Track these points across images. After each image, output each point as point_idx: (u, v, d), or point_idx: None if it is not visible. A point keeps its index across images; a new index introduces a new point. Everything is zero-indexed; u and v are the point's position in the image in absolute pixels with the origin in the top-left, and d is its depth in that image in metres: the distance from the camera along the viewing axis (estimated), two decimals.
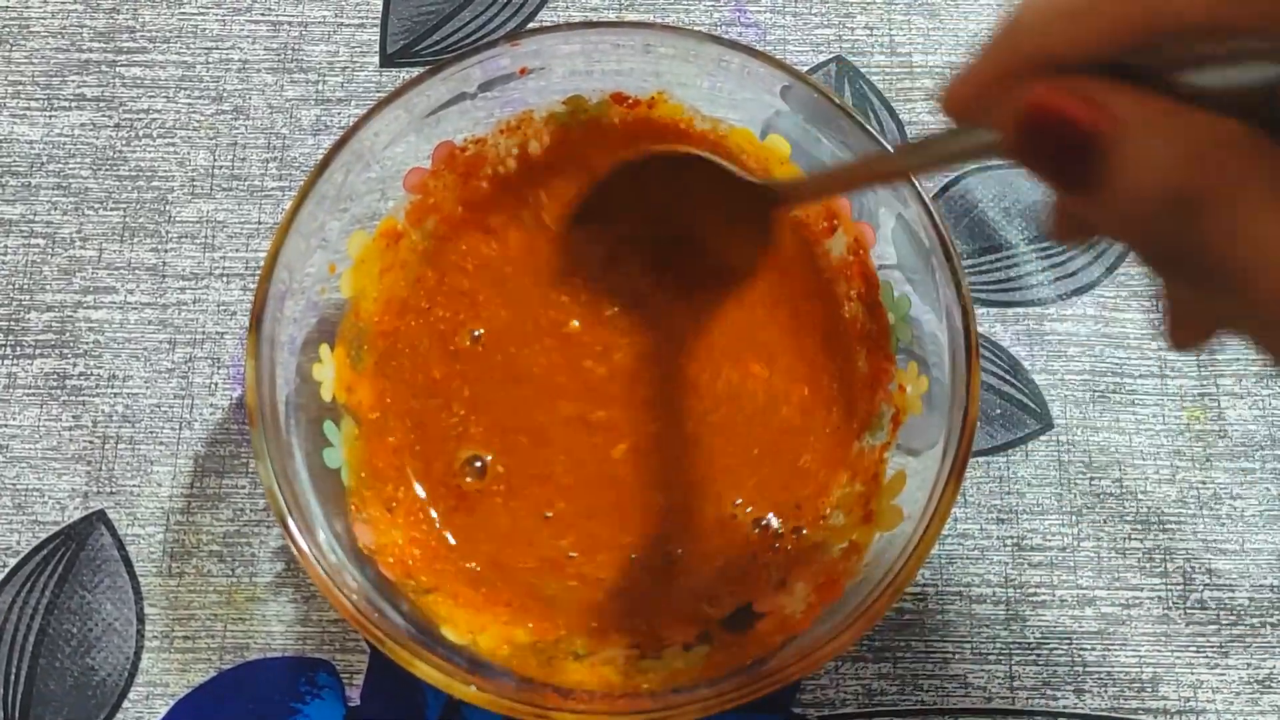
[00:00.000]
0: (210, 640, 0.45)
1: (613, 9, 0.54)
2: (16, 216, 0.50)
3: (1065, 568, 0.46)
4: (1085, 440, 0.48)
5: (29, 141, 0.51)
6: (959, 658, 0.45)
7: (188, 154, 0.51)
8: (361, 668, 0.45)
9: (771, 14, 0.54)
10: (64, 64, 0.52)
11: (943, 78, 0.30)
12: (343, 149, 0.41)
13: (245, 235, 0.50)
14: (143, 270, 0.49)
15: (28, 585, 0.45)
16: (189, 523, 0.46)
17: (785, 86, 0.43)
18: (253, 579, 0.46)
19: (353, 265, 0.44)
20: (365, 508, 0.42)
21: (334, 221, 0.42)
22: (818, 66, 0.53)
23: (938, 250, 0.40)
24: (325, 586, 0.37)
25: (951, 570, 0.46)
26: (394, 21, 0.53)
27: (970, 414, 0.38)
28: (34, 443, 0.47)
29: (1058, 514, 0.47)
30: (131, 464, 0.47)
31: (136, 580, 0.45)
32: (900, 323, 0.43)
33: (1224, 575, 0.46)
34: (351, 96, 0.52)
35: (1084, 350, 0.49)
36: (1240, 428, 0.48)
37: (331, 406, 0.43)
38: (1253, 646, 0.46)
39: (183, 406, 0.48)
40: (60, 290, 0.49)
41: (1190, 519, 0.47)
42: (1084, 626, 0.46)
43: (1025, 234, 0.50)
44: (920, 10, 0.54)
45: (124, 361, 0.48)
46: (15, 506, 0.46)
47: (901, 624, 0.46)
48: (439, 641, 0.39)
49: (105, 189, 0.50)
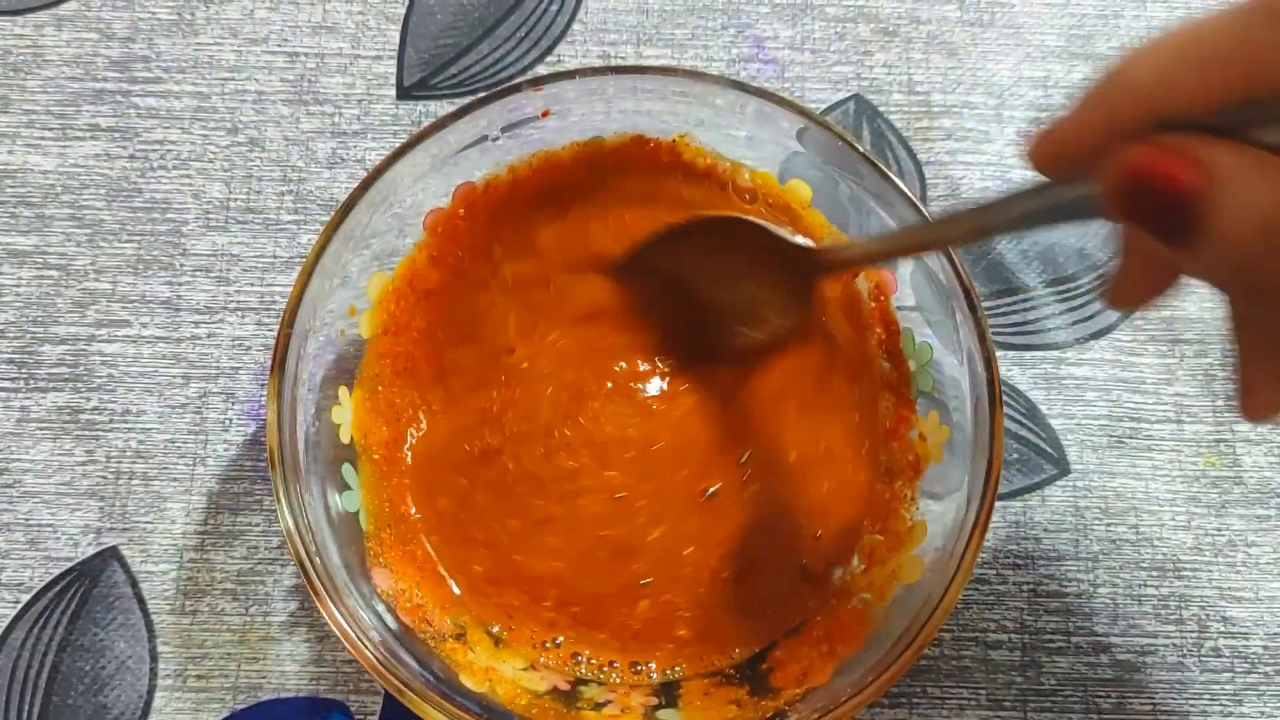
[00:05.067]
0: (224, 679, 0.45)
1: (630, 43, 0.54)
2: (30, 248, 0.49)
3: (1081, 614, 0.46)
4: (1102, 486, 0.48)
5: (43, 172, 0.51)
6: (974, 704, 0.45)
7: (203, 186, 0.51)
8: (376, 708, 0.44)
9: (790, 50, 0.54)
10: (78, 93, 0.52)
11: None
12: (368, 190, 0.41)
13: (260, 269, 0.50)
14: (156, 304, 0.49)
15: (40, 622, 0.45)
16: (203, 560, 0.46)
17: (801, 129, 0.43)
18: (267, 618, 0.45)
19: (371, 306, 0.43)
20: (384, 552, 0.42)
21: (355, 259, 0.42)
22: (836, 105, 0.53)
23: (959, 297, 0.40)
24: (343, 633, 0.37)
25: (967, 615, 0.46)
26: (411, 54, 0.53)
27: (994, 466, 0.38)
28: (47, 477, 0.47)
29: (1074, 560, 0.47)
30: (145, 500, 0.47)
31: (150, 618, 0.45)
32: (921, 370, 0.43)
33: (1239, 623, 0.46)
34: (368, 129, 0.52)
35: (1101, 395, 0.49)
36: (1256, 474, 0.48)
37: (349, 448, 0.43)
38: (1266, 695, 0.46)
39: (196, 442, 0.47)
40: (74, 323, 0.49)
41: (1206, 566, 0.47)
42: (1099, 674, 0.46)
43: (1043, 277, 0.50)
44: (939, 49, 0.54)
45: (137, 396, 0.48)
46: (28, 542, 0.46)
47: (917, 670, 0.46)
48: (457, 690, 0.39)
49: (119, 220, 0.50)
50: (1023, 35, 0.54)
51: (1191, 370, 0.49)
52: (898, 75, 0.53)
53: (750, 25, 0.54)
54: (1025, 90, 0.53)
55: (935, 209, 0.51)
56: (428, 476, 0.45)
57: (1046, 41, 0.54)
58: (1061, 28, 0.54)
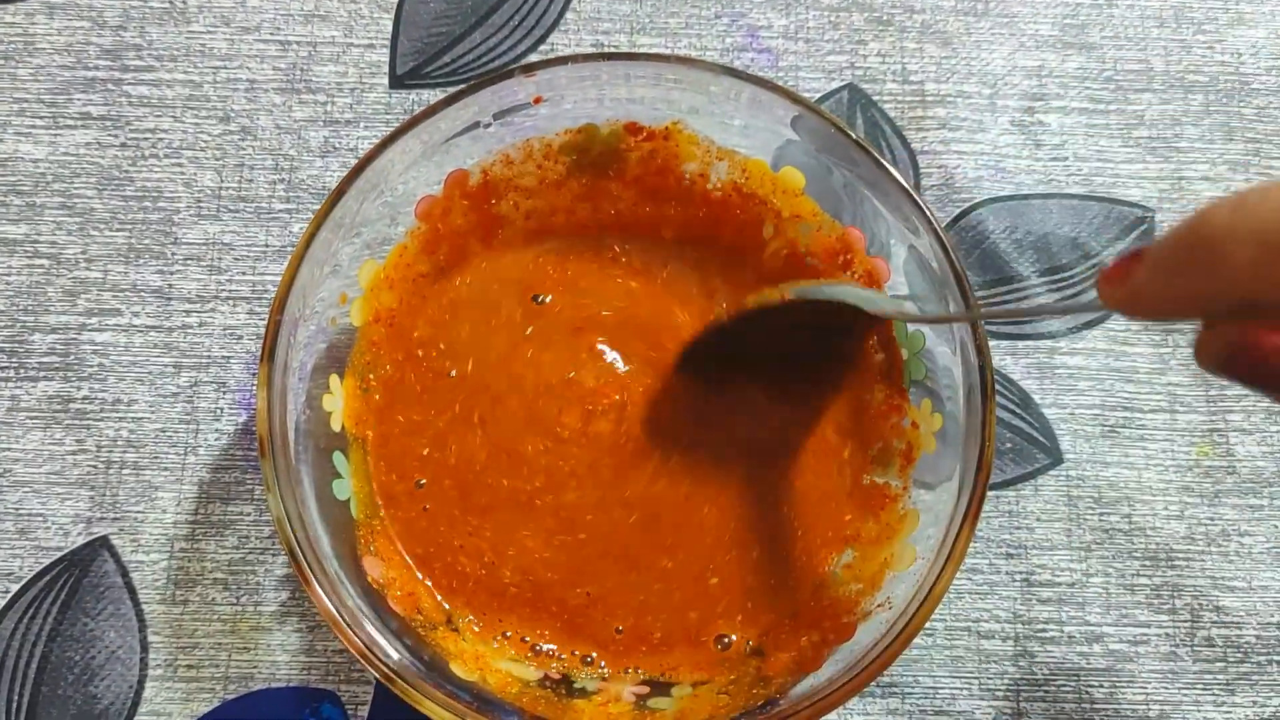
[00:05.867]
0: (215, 669, 0.44)
1: (624, 32, 0.53)
2: (21, 236, 0.49)
3: (1074, 604, 0.46)
4: (1095, 475, 0.48)
5: (33, 160, 0.50)
6: (967, 694, 0.45)
7: (194, 174, 0.51)
8: (366, 698, 0.44)
9: (784, 40, 0.53)
10: (70, 81, 0.51)
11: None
12: (358, 177, 0.40)
13: (252, 258, 0.49)
14: (148, 292, 0.49)
15: (30, 612, 0.45)
16: (193, 549, 0.46)
17: (796, 117, 0.43)
18: (257, 607, 0.45)
19: (363, 294, 0.43)
20: (374, 540, 0.42)
21: (346, 247, 0.42)
22: (830, 94, 0.53)
23: (952, 285, 0.40)
24: (333, 621, 0.37)
25: (960, 605, 0.46)
26: (404, 43, 0.53)
27: (986, 454, 0.38)
28: (37, 466, 0.47)
29: (1067, 549, 0.47)
30: (135, 489, 0.46)
31: (140, 608, 0.45)
32: (914, 359, 0.43)
33: (1231, 612, 0.46)
34: (360, 118, 0.52)
35: (1094, 384, 0.49)
36: (1249, 464, 0.48)
37: (340, 436, 0.43)
38: (1259, 684, 0.46)
39: (188, 431, 0.47)
40: (64, 312, 0.48)
41: (1199, 555, 0.47)
42: (1092, 663, 0.46)
43: (1036, 266, 0.50)
44: (933, 38, 0.54)
45: (128, 385, 0.48)
46: (18, 531, 0.46)
47: (910, 659, 0.45)
48: (448, 679, 0.38)
49: (110, 209, 0.50)
50: (1016, 25, 0.54)
51: (1185, 360, 0.49)
52: (892, 65, 0.53)
53: (744, 14, 0.54)
54: (1019, 80, 0.53)
55: (929, 198, 0.51)
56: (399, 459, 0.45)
57: (1040, 31, 0.54)
58: (1055, 17, 0.54)
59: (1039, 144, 0.52)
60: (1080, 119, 0.53)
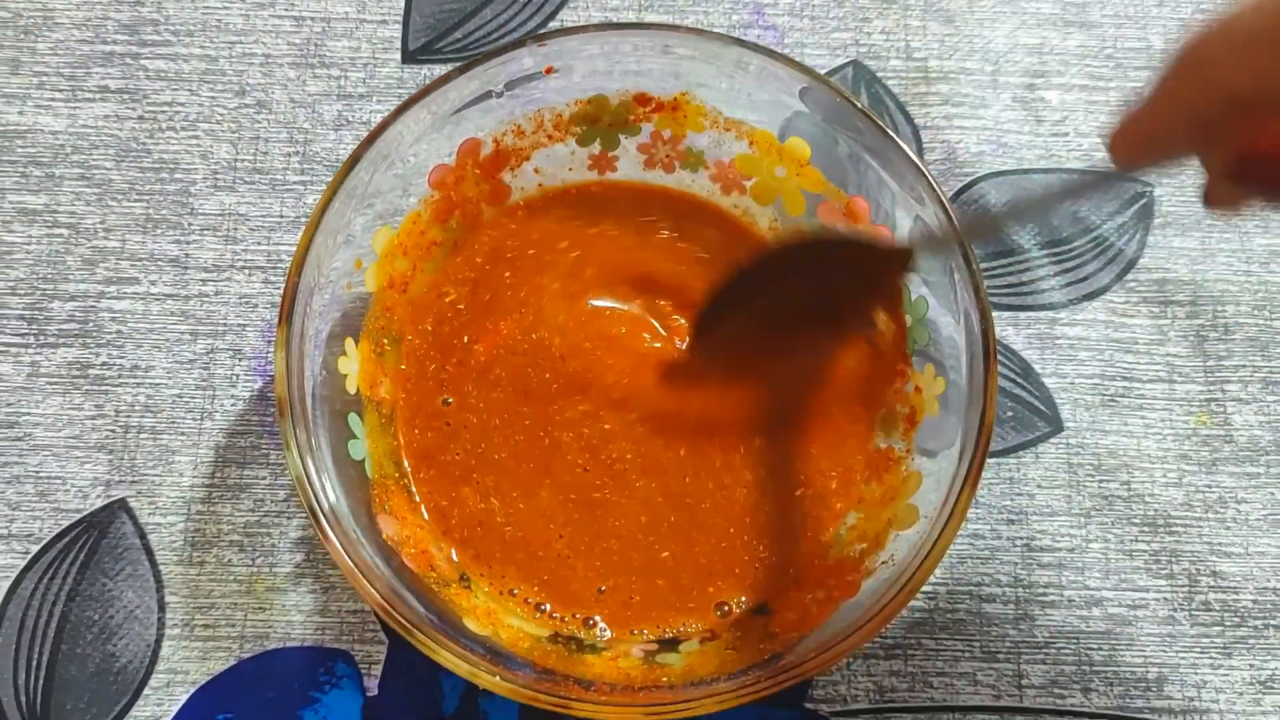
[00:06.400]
0: (230, 629, 0.45)
1: (632, 9, 0.54)
2: (40, 207, 0.50)
3: (1074, 569, 0.47)
4: (1094, 443, 0.49)
5: (53, 132, 0.51)
6: (969, 656, 0.46)
7: (210, 147, 0.51)
8: (380, 658, 0.45)
9: (789, 17, 0.54)
10: (88, 56, 0.52)
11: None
12: (370, 147, 0.41)
13: (267, 228, 0.50)
14: (165, 261, 0.50)
15: (50, 572, 0.46)
16: (210, 512, 0.47)
17: (804, 88, 0.44)
18: (273, 569, 0.46)
19: (377, 260, 0.44)
20: (389, 499, 0.43)
21: (359, 218, 0.43)
22: (835, 70, 0.53)
23: (955, 253, 0.41)
24: (351, 575, 0.38)
25: (962, 570, 0.47)
26: (416, 18, 0.54)
27: (987, 416, 0.39)
28: (57, 431, 0.48)
29: (1067, 516, 0.48)
30: (153, 453, 0.47)
31: (158, 568, 0.46)
32: (918, 325, 0.44)
33: (1229, 578, 0.47)
34: (373, 92, 0.52)
35: (1094, 355, 0.50)
36: (1246, 433, 0.49)
37: (356, 399, 0.44)
38: (1256, 648, 0.46)
39: (204, 397, 0.48)
40: (83, 280, 0.49)
41: (1196, 522, 0.48)
42: (1091, 627, 0.46)
43: (1038, 239, 0.51)
44: (936, 16, 0.54)
45: (146, 352, 0.49)
46: (38, 494, 0.47)
47: (913, 622, 0.46)
48: (461, 633, 0.39)
49: (128, 180, 0.51)
50: (1018, 2, 0.55)
51: (1183, 331, 0.50)
52: (895, 41, 0.54)
53: None
54: (1021, 57, 0.54)
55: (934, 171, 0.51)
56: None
57: (1042, 9, 0.55)
58: None
59: (1040, 120, 0.53)
60: (1081, 95, 0.54)
